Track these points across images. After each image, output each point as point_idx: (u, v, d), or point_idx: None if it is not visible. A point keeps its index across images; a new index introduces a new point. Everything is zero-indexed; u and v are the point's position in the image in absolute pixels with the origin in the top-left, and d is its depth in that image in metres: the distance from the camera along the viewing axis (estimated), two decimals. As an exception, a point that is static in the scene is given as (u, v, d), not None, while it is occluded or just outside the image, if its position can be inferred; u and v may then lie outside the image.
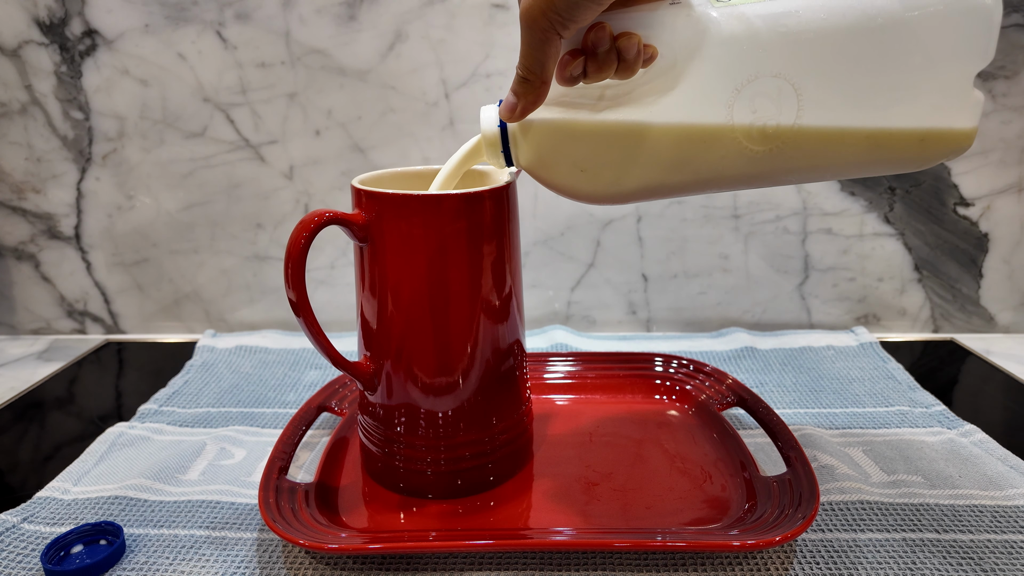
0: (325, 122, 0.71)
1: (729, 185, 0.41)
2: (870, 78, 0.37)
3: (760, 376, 0.64)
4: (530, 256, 0.75)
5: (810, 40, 0.36)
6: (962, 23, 0.37)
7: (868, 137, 0.38)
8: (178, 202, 0.74)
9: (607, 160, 0.39)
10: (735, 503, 0.45)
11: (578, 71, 0.36)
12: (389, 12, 0.68)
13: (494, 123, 0.41)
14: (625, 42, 0.36)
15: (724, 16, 0.36)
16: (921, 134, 0.38)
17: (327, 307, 0.76)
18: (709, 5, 0.37)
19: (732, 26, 0.36)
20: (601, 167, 0.39)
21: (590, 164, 0.39)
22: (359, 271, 0.44)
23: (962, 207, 0.72)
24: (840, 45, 0.36)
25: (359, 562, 0.41)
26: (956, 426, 0.54)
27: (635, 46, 0.36)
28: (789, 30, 0.36)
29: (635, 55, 0.36)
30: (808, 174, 0.40)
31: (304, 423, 0.52)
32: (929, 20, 0.36)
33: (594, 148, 0.39)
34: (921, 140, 0.39)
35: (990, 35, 0.37)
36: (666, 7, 0.37)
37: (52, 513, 0.45)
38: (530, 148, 0.40)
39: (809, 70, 0.37)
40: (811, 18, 0.36)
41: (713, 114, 0.37)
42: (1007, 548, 0.41)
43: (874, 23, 0.36)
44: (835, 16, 0.36)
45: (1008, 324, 0.75)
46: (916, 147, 0.39)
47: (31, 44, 0.69)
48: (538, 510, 0.45)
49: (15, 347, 0.75)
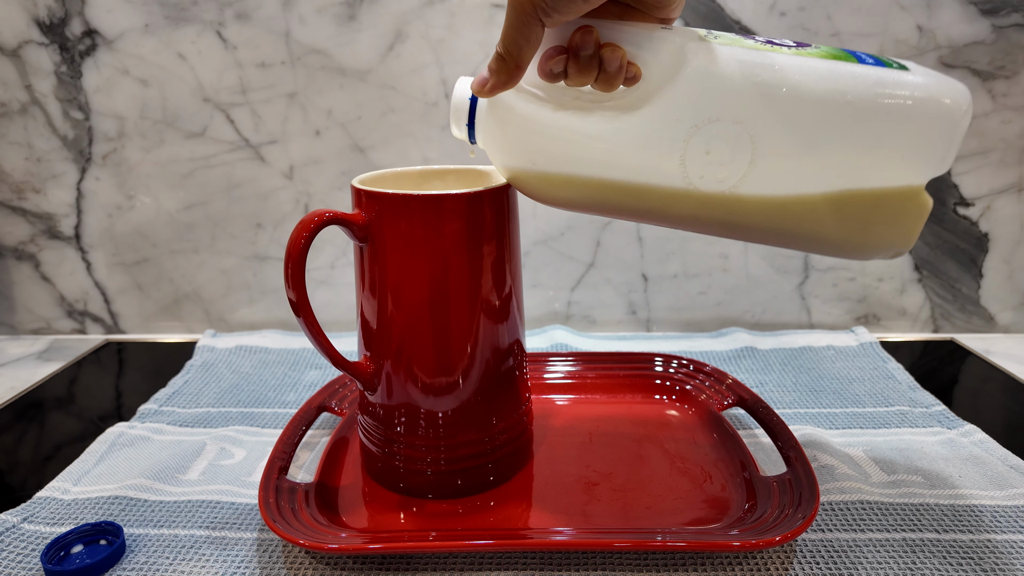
0: (325, 122, 0.71)
1: (672, 222, 0.40)
2: (825, 152, 0.36)
3: (760, 376, 0.64)
4: (530, 256, 0.75)
5: (780, 97, 0.36)
6: (927, 125, 0.36)
7: (811, 210, 0.37)
8: (178, 202, 0.74)
9: (557, 162, 0.39)
10: (735, 503, 0.45)
11: (559, 68, 0.36)
12: (389, 12, 0.68)
13: (465, 95, 0.40)
14: (609, 53, 0.35)
15: (706, 52, 0.36)
16: (864, 222, 0.38)
17: (327, 307, 0.76)
18: (697, 38, 0.36)
19: (710, 64, 0.36)
20: (551, 166, 0.39)
21: (541, 160, 0.39)
22: (359, 271, 0.44)
23: (962, 207, 0.72)
24: (807, 110, 0.36)
25: (359, 562, 0.41)
26: (956, 426, 0.54)
27: (617, 60, 0.35)
28: (763, 82, 0.36)
29: (616, 69, 0.36)
30: (748, 232, 0.39)
31: (304, 423, 0.52)
32: (896, 112, 0.35)
33: (548, 146, 0.39)
34: (862, 228, 0.38)
35: (951, 145, 0.37)
36: (657, 29, 0.37)
37: (52, 513, 0.45)
38: (492, 128, 0.40)
39: (770, 125, 0.36)
40: (788, 77, 0.35)
41: (668, 146, 0.37)
42: (1007, 548, 0.41)
43: (843, 98, 0.35)
44: (810, 80, 0.35)
45: (1008, 324, 0.75)
46: (856, 235, 0.38)
47: (31, 44, 0.69)
48: (538, 510, 0.45)
49: (15, 347, 0.75)
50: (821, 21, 0.67)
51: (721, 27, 0.67)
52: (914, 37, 0.67)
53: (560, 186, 0.40)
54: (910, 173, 0.37)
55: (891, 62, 0.37)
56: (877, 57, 0.37)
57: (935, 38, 0.67)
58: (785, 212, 0.38)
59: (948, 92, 0.36)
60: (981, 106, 0.68)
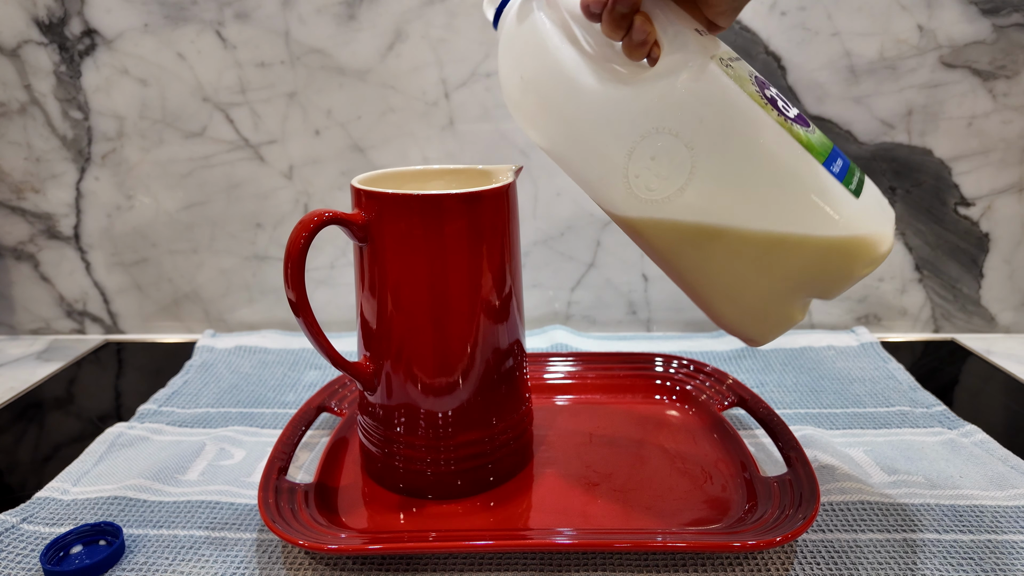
0: (325, 122, 0.71)
1: (615, 218, 0.41)
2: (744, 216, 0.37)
3: (760, 376, 0.64)
4: (530, 256, 0.75)
5: (736, 145, 0.36)
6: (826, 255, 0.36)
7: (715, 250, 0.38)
8: (177, 202, 0.74)
9: (537, 89, 0.40)
10: (735, 503, 0.45)
11: (596, 10, 0.36)
12: (389, 12, 0.68)
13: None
14: (639, 23, 0.36)
15: (703, 74, 0.36)
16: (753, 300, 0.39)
17: (327, 307, 0.76)
18: (711, 57, 0.36)
19: (698, 85, 0.36)
20: (534, 93, 0.40)
21: (530, 81, 0.40)
22: (359, 271, 0.44)
23: (963, 207, 0.72)
24: (751, 171, 0.36)
25: (359, 563, 0.41)
26: (957, 426, 0.54)
27: (644, 33, 0.36)
28: (730, 127, 0.36)
29: (640, 42, 0.36)
30: (670, 261, 0.40)
31: (304, 423, 0.52)
32: (812, 224, 0.35)
33: (537, 71, 0.39)
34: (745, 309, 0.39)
35: (838, 285, 0.37)
36: (691, 31, 0.37)
37: (51, 513, 0.45)
38: (511, 22, 0.40)
39: (716, 166, 0.36)
40: (753, 133, 0.36)
41: (626, 134, 0.37)
42: (1007, 548, 0.41)
43: (782, 181, 0.36)
44: (768, 148, 0.36)
45: (1009, 324, 0.75)
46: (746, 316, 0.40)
47: (30, 44, 0.69)
48: (538, 510, 0.45)
49: (14, 347, 0.75)
50: (822, 21, 0.67)
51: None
52: (915, 37, 0.67)
53: (532, 112, 0.41)
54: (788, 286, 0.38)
55: (854, 180, 0.37)
56: (848, 169, 0.37)
57: (936, 38, 0.67)
58: (698, 247, 0.38)
59: (865, 243, 0.36)
60: (982, 106, 0.68)
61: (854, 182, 0.36)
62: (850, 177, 0.36)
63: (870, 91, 0.68)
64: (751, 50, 0.68)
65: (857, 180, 0.37)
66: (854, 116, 0.69)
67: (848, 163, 0.38)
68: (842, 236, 0.35)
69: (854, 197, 0.36)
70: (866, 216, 0.36)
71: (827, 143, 0.37)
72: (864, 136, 0.70)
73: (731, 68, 0.37)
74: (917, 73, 0.68)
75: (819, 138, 0.37)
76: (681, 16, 0.37)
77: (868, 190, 0.37)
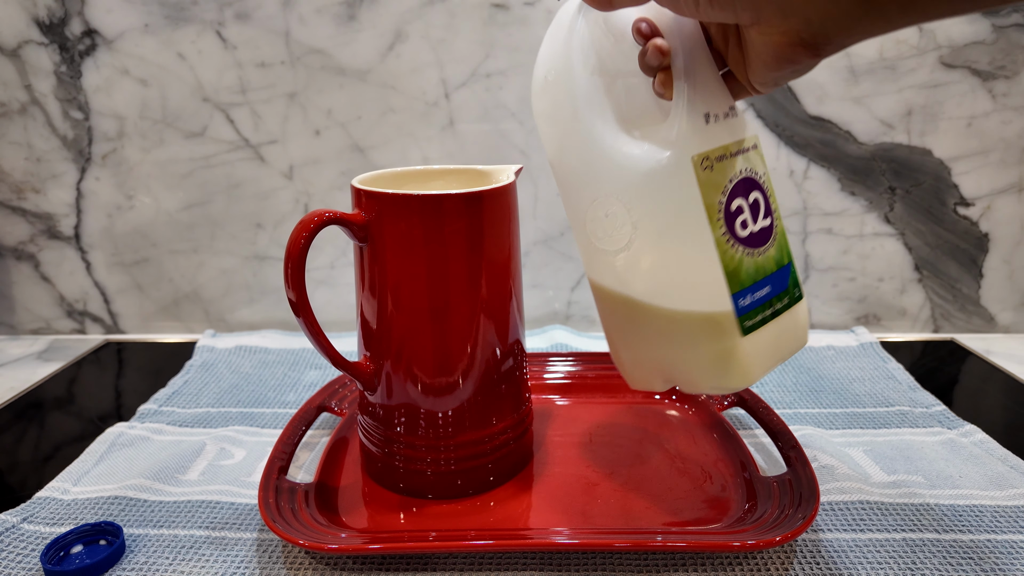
0: (325, 122, 0.71)
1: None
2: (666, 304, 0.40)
3: (760, 376, 0.64)
4: (530, 256, 0.75)
5: (665, 241, 0.38)
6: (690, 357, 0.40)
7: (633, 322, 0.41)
8: (178, 202, 0.74)
9: (555, 100, 0.41)
10: (735, 503, 0.45)
11: (639, 41, 0.37)
12: (389, 12, 0.68)
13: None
14: (652, 48, 0.36)
15: (673, 170, 0.37)
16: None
17: (327, 307, 0.76)
18: (691, 156, 0.37)
19: (661, 177, 0.37)
20: (550, 97, 0.41)
21: (552, 84, 0.41)
22: (359, 271, 0.44)
23: (962, 207, 0.72)
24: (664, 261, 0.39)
25: (359, 562, 0.41)
26: (956, 426, 0.54)
27: (655, 57, 0.36)
28: (668, 222, 0.38)
29: (650, 65, 0.37)
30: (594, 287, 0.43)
31: (304, 423, 0.52)
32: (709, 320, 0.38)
33: (558, 82, 0.40)
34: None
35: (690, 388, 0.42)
36: (701, 111, 0.37)
37: (52, 513, 0.45)
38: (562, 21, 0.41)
39: (647, 248, 0.39)
40: (679, 235, 0.38)
41: (600, 179, 0.39)
42: (1007, 548, 0.41)
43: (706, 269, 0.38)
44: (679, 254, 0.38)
45: (1008, 324, 0.75)
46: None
47: (31, 44, 0.69)
48: (538, 510, 0.45)
49: (15, 347, 0.75)
50: (821, 21, 0.67)
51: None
52: (914, 37, 0.67)
53: (541, 112, 0.42)
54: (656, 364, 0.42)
55: (756, 317, 0.39)
56: (762, 304, 0.39)
57: (935, 38, 0.67)
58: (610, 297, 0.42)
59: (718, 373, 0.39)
60: (981, 106, 0.68)
61: (756, 318, 0.39)
62: (754, 313, 0.38)
63: (870, 91, 0.68)
64: (751, 50, 0.68)
65: (762, 318, 0.39)
66: (854, 116, 0.69)
67: (764, 300, 0.39)
68: (707, 357, 0.39)
69: (740, 333, 0.38)
70: (738, 352, 0.38)
71: (763, 270, 0.39)
72: (864, 136, 0.70)
73: (710, 171, 0.37)
74: (917, 73, 0.68)
75: (759, 263, 0.39)
76: (708, 90, 0.37)
77: (767, 331, 0.39)
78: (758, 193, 0.39)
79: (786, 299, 0.40)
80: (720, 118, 0.38)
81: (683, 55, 0.37)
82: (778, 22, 0.29)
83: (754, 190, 0.39)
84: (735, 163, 0.38)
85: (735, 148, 0.38)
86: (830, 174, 0.71)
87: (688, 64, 0.37)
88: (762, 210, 0.39)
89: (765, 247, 0.39)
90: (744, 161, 0.38)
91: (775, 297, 0.39)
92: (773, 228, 0.40)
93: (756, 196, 0.39)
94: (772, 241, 0.39)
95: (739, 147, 0.38)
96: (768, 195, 0.40)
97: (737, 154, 0.38)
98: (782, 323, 0.40)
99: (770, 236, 0.39)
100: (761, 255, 0.39)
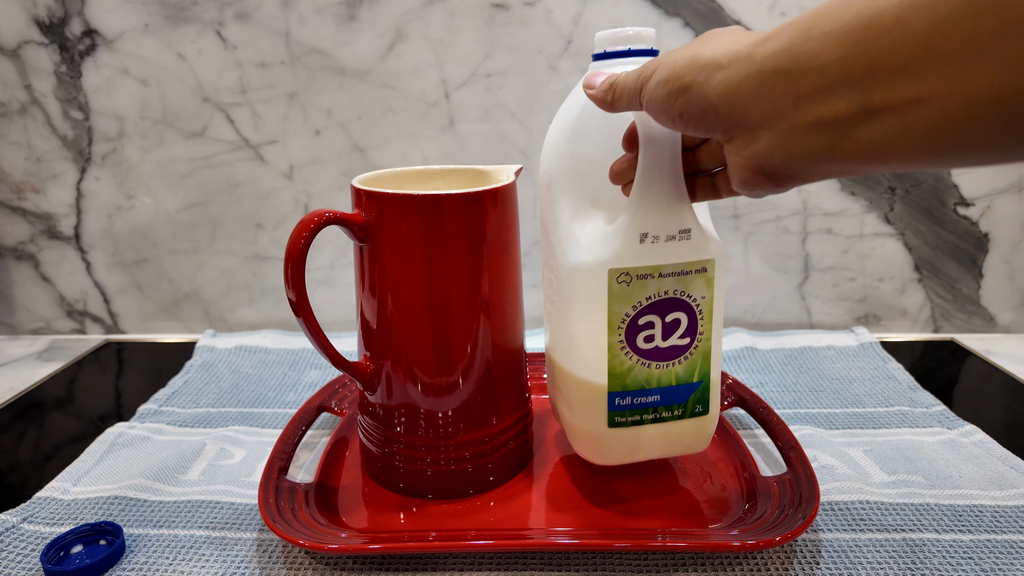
0: (325, 122, 0.71)
1: None
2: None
3: (760, 376, 0.64)
4: (530, 256, 0.75)
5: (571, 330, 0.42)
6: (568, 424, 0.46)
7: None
8: (178, 202, 0.74)
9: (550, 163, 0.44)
10: (735, 503, 0.45)
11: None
12: (389, 12, 0.68)
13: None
14: (620, 169, 0.39)
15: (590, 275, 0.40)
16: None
17: (327, 307, 0.76)
18: (609, 269, 0.39)
19: (581, 278, 0.40)
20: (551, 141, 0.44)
21: (549, 136, 0.44)
22: (359, 271, 0.44)
23: (962, 207, 0.72)
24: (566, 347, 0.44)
25: (359, 562, 0.41)
26: (956, 426, 0.54)
27: (620, 180, 0.40)
28: (575, 317, 0.42)
29: (620, 178, 0.40)
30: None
31: (304, 423, 0.52)
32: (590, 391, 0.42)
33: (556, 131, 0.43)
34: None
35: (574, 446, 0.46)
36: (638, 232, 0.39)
37: (52, 513, 0.45)
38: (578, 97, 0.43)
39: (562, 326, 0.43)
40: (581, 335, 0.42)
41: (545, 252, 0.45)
42: (1007, 548, 0.41)
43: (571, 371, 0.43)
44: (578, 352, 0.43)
45: (1008, 324, 0.75)
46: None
47: (31, 44, 0.69)
48: (538, 510, 0.45)
49: (15, 347, 0.75)
50: (821, 21, 0.66)
51: (720, 26, 0.67)
52: (914, 37, 0.67)
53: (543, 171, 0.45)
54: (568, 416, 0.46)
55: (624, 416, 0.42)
56: (632, 409, 0.42)
57: (935, 38, 0.67)
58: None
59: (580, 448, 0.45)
60: (981, 106, 0.68)
61: (628, 418, 0.42)
62: (628, 413, 0.42)
63: (870, 91, 0.68)
64: (751, 50, 0.68)
65: (636, 420, 0.42)
66: (854, 116, 0.69)
67: (647, 406, 0.42)
68: (580, 425, 0.44)
69: (605, 425, 0.42)
70: (599, 435, 0.43)
71: (656, 381, 0.42)
72: (864, 136, 0.70)
73: (626, 286, 0.39)
74: (917, 73, 0.68)
75: (654, 374, 0.41)
76: (658, 213, 0.38)
77: (640, 431, 0.43)
78: (682, 314, 0.41)
79: (678, 411, 0.43)
80: (661, 240, 0.39)
81: (644, 174, 0.38)
82: (744, 147, 0.30)
83: (677, 311, 0.41)
84: (662, 283, 0.40)
85: (669, 270, 0.40)
86: (830, 174, 0.71)
87: (645, 185, 0.38)
88: (680, 331, 0.41)
89: (668, 363, 0.42)
90: (676, 283, 0.40)
91: (663, 407, 0.43)
92: (688, 349, 0.42)
93: (678, 317, 0.41)
94: (681, 360, 0.42)
95: (676, 270, 0.40)
96: (699, 318, 0.41)
97: (668, 276, 0.40)
98: (666, 429, 0.43)
99: (680, 354, 0.42)
100: (660, 368, 0.42)
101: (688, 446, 0.44)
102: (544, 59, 0.68)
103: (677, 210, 0.38)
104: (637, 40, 0.40)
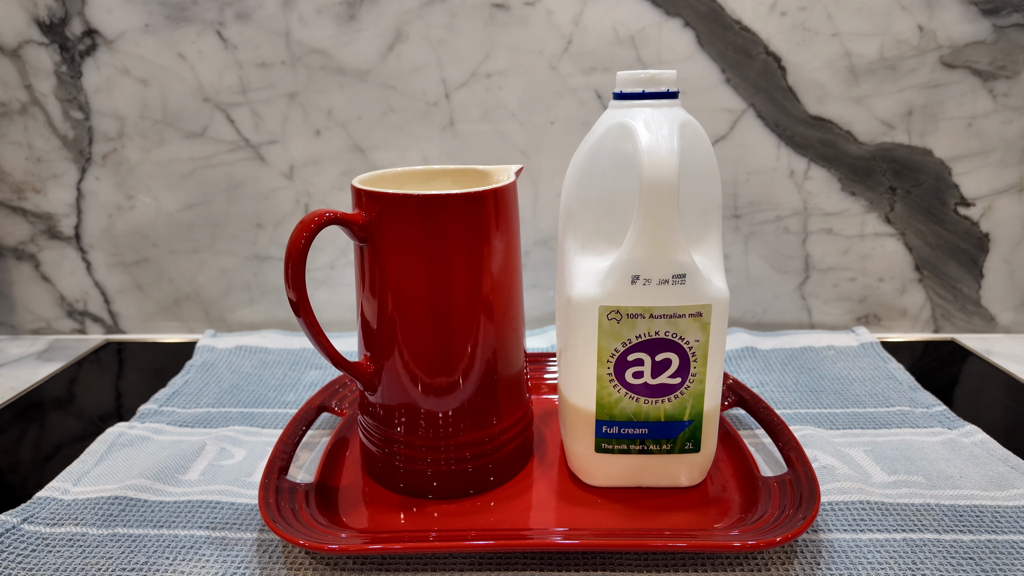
0: (325, 122, 0.71)
1: None
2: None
3: (760, 376, 0.64)
4: (530, 256, 0.75)
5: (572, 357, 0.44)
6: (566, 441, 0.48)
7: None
8: (178, 202, 0.74)
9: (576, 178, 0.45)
10: (735, 503, 0.45)
11: None
12: (389, 12, 0.68)
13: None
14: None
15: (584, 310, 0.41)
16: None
17: (327, 307, 0.76)
18: (600, 306, 0.41)
19: (577, 311, 0.42)
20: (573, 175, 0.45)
21: (573, 164, 0.45)
22: (359, 271, 0.44)
23: (963, 207, 0.72)
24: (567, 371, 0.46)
25: (359, 562, 0.41)
26: (957, 426, 0.54)
27: None
28: (573, 344, 0.43)
29: None
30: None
31: (304, 423, 0.52)
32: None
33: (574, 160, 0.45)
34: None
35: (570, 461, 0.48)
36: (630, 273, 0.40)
37: (52, 513, 0.45)
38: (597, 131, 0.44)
39: (567, 341, 0.45)
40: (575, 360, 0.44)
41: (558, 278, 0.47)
42: (1008, 548, 0.41)
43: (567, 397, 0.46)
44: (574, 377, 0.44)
45: (1009, 324, 0.75)
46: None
47: (31, 44, 0.69)
48: (538, 510, 0.45)
49: (15, 347, 0.75)
50: (822, 21, 0.67)
51: (720, 26, 0.67)
52: (915, 37, 0.67)
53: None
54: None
55: (611, 443, 0.44)
56: (618, 438, 0.44)
57: (936, 38, 0.67)
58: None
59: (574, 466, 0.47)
60: (982, 106, 0.68)
61: (615, 446, 0.44)
62: (615, 441, 0.44)
63: (870, 91, 0.68)
64: (751, 50, 0.68)
65: (623, 449, 0.44)
66: (854, 116, 0.69)
67: (634, 437, 0.44)
68: (574, 444, 0.46)
69: (593, 449, 0.44)
70: (587, 457, 0.45)
71: (644, 415, 0.43)
72: (864, 136, 0.70)
73: (616, 323, 0.41)
74: (917, 73, 0.68)
75: (643, 408, 0.43)
76: (653, 256, 0.39)
77: (627, 459, 0.44)
78: (672, 355, 0.42)
79: (666, 446, 0.44)
80: (653, 283, 0.40)
81: (641, 218, 0.38)
82: None
83: (668, 351, 0.42)
84: (652, 324, 0.41)
85: (661, 312, 0.40)
86: (830, 174, 0.71)
87: (640, 228, 0.38)
88: (671, 370, 0.42)
89: (657, 399, 0.43)
90: (668, 324, 0.41)
91: (651, 440, 0.44)
92: (679, 388, 0.42)
93: (668, 357, 0.42)
94: (671, 399, 0.43)
95: (668, 312, 0.40)
96: (691, 359, 0.42)
97: (660, 317, 0.40)
98: (654, 462, 0.45)
99: (670, 393, 0.43)
100: (649, 403, 0.43)
101: (679, 481, 0.46)
102: (544, 59, 0.68)
103: (671, 255, 0.39)
104: (653, 83, 0.41)
